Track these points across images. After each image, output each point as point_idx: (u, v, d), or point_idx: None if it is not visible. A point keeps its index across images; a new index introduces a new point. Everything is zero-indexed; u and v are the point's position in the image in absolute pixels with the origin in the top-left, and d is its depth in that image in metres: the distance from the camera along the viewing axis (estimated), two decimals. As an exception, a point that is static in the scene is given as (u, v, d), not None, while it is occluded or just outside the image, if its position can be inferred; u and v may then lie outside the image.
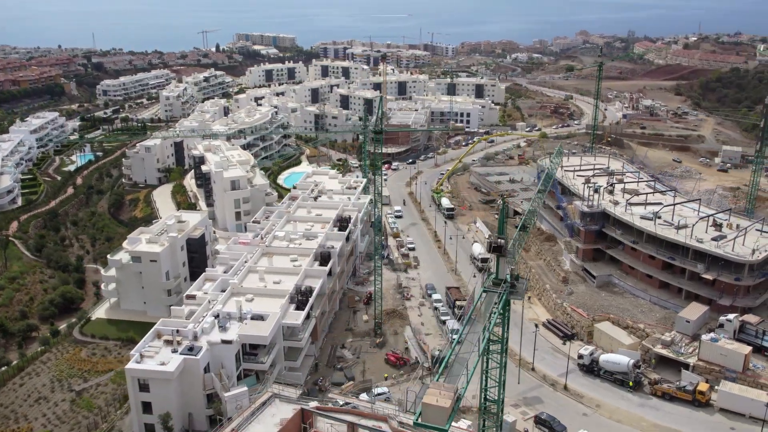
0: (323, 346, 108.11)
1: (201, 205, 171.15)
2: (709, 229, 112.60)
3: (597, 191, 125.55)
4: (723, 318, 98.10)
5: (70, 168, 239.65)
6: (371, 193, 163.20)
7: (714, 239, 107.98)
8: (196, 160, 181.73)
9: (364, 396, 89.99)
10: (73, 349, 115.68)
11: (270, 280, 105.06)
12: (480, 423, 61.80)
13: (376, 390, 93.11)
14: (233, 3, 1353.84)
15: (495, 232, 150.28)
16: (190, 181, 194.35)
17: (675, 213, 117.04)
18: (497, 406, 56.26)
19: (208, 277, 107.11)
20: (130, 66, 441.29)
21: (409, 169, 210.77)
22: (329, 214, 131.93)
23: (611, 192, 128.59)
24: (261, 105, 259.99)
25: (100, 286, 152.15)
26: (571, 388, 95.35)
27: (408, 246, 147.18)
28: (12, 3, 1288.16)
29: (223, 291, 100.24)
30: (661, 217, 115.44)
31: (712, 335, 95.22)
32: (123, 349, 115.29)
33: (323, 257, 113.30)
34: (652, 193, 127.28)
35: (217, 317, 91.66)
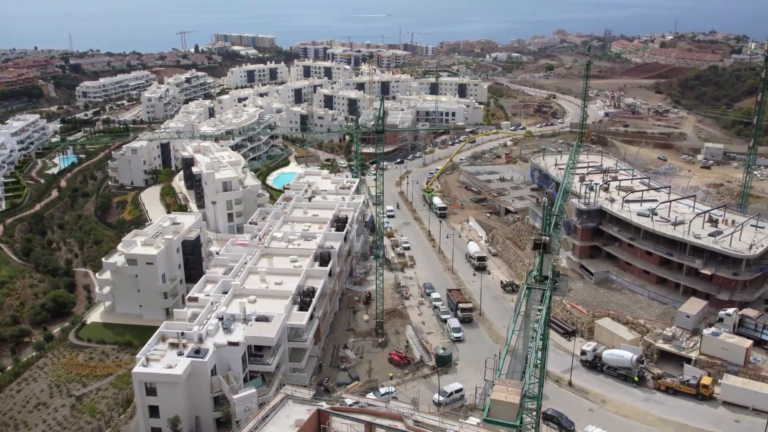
0: (325, 346, 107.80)
1: (192, 207, 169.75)
2: (705, 225, 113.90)
3: (592, 189, 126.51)
4: (723, 312, 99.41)
5: (53, 171, 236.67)
6: (363, 193, 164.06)
7: (711, 235, 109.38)
8: (185, 161, 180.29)
9: (370, 395, 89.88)
10: (70, 354, 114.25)
11: (271, 281, 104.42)
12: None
13: (382, 389, 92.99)
14: (209, 3, 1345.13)
15: (490, 231, 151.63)
16: (179, 183, 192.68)
17: (670, 210, 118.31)
18: (536, 402, 56.57)
19: (208, 279, 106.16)
20: (108, 67, 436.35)
21: (398, 169, 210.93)
22: (325, 214, 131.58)
23: (606, 189, 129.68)
24: (246, 106, 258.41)
25: (91, 289, 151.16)
26: (576, 384, 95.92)
27: (403, 245, 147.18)
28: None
29: (225, 293, 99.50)
30: (658, 214, 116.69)
31: (713, 329, 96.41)
32: (121, 353, 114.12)
33: (323, 258, 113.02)
34: (647, 190, 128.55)
35: (222, 319, 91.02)
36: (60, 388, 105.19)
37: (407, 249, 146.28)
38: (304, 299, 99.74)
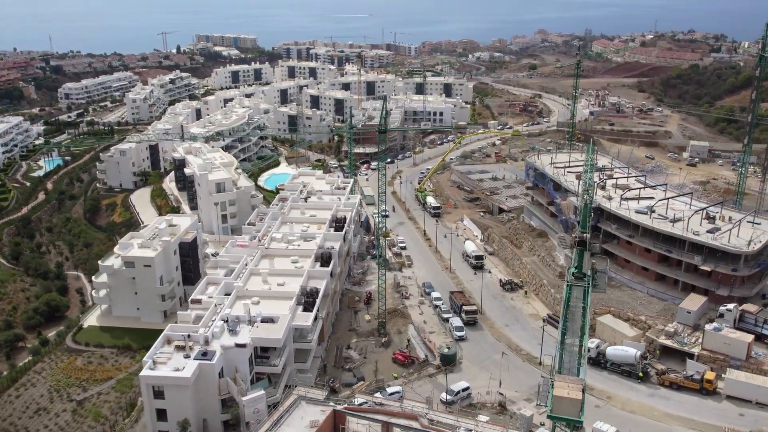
0: (329, 347, 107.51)
1: (185, 209, 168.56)
2: (703, 222, 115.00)
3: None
4: (723, 308, 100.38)
5: (38, 173, 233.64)
6: (356, 193, 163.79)
7: (709, 231, 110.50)
8: (177, 162, 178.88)
9: (378, 395, 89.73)
10: (68, 358, 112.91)
11: (273, 282, 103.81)
12: None
13: (389, 389, 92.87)
14: (189, 4, 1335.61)
15: (485, 230, 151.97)
16: (169, 185, 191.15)
17: (668, 207, 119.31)
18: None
19: (210, 281, 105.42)
20: (90, 69, 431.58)
21: (389, 169, 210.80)
22: (323, 214, 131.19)
23: (603, 188, 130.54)
24: (233, 107, 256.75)
25: (84, 293, 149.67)
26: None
27: (399, 245, 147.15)
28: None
29: (228, 294, 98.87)
30: (655, 211, 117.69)
31: (715, 325, 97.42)
32: (120, 357, 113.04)
33: (324, 258, 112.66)
34: (643, 188, 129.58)
35: (227, 321, 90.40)
36: (60, 392, 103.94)
37: (404, 249, 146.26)
38: (307, 300, 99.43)
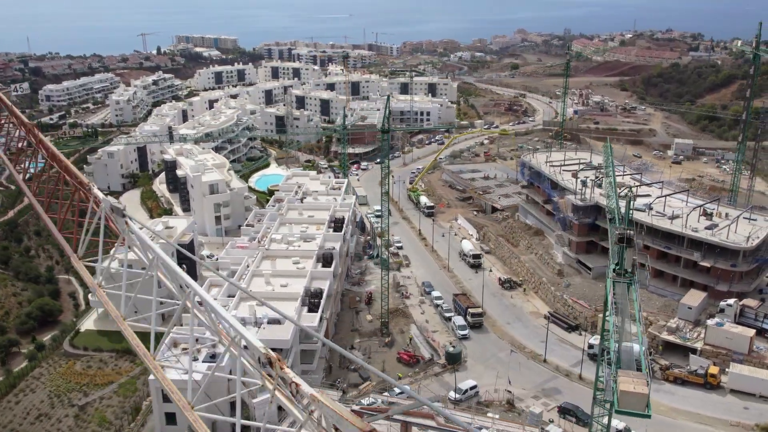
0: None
1: (177, 211, 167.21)
2: (701, 219, 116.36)
3: (585, 184, 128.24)
4: (723, 303, 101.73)
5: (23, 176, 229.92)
6: (350, 192, 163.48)
7: (708, 228, 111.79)
8: (168, 164, 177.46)
9: (386, 395, 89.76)
10: (66, 363, 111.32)
11: (276, 283, 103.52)
12: None
13: (397, 389, 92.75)
14: (162, 5, 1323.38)
15: (480, 229, 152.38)
16: (159, 186, 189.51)
17: (665, 204, 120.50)
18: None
19: (213, 283, 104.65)
20: (69, 70, 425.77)
21: (380, 169, 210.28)
22: (320, 215, 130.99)
23: (599, 186, 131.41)
24: (220, 108, 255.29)
25: (77, 297, 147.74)
26: (586, 377, 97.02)
27: (396, 245, 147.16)
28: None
29: (231, 296, 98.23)
30: (653, 209, 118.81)
31: (717, 320, 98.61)
32: (119, 360, 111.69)
33: (325, 258, 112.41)
34: (638, 185, 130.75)
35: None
36: (60, 398, 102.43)
37: (400, 248, 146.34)
38: (311, 301, 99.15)
